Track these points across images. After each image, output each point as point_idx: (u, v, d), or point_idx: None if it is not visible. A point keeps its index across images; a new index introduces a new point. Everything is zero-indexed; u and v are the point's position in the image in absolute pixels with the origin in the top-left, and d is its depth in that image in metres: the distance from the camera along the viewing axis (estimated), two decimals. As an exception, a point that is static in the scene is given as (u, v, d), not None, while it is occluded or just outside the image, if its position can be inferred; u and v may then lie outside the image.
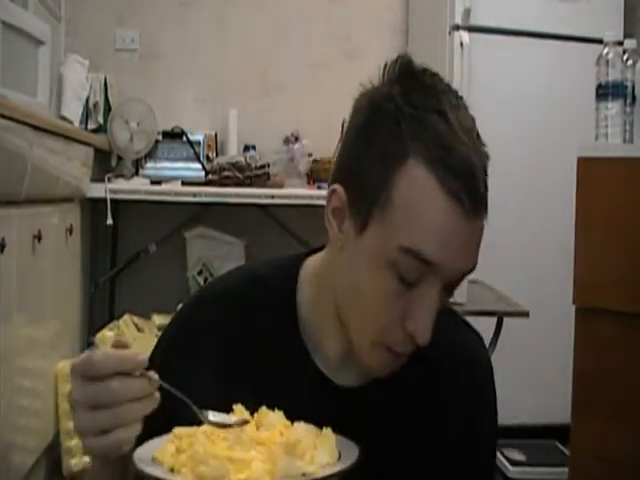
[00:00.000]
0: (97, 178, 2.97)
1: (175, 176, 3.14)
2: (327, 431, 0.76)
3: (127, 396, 0.70)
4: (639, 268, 1.77)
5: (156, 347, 0.95)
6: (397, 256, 0.79)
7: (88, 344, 2.91)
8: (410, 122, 0.80)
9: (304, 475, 0.71)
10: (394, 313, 0.81)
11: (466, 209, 0.78)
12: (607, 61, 1.88)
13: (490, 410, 0.97)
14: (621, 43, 1.91)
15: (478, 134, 0.82)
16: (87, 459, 2.46)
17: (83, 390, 0.70)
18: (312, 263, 0.94)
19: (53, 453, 2.47)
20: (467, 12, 2.86)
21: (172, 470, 0.72)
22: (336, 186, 0.85)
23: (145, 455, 0.74)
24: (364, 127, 0.83)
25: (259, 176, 3.11)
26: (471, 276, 0.86)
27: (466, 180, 0.78)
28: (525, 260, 2.89)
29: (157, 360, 0.87)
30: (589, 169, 1.89)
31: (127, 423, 0.71)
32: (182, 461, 0.72)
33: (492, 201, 0.82)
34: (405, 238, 0.78)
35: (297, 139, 3.26)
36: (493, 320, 2.05)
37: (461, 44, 2.85)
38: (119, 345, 0.73)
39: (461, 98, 0.83)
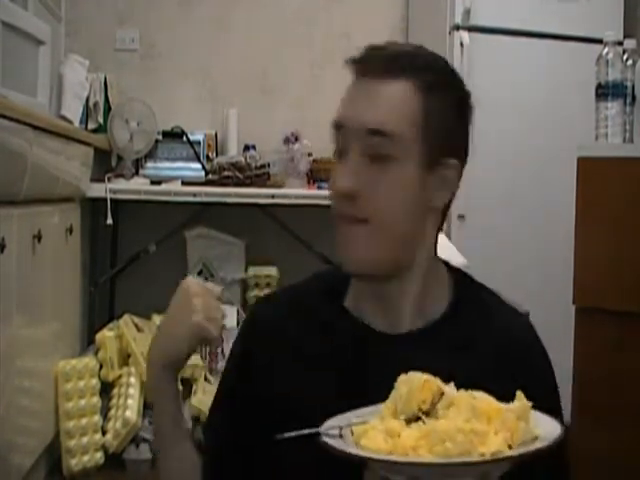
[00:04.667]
0: (97, 178, 2.97)
1: (175, 176, 3.13)
2: (519, 395, 0.75)
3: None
4: (639, 268, 1.77)
5: (235, 342, 1.06)
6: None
7: (88, 343, 2.91)
8: None
9: (536, 439, 0.70)
10: (331, 182, 0.94)
11: (359, 69, 0.93)
12: (607, 61, 1.88)
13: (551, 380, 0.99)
14: (621, 43, 1.91)
15: (417, 47, 0.97)
16: (87, 458, 2.47)
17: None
18: None
19: (53, 453, 2.47)
20: (467, 12, 2.86)
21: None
22: None
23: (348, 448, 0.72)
24: None
25: (259, 176, 3.11)
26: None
27: (365, 51, 0.93)
28: (525, 260, 2.89)
29: (237, 353, 1.04)
30: (589, 169, 1.89)
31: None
32: (405, 444, 0.69)
33: (492, 201, 0.82)
34: None
35: (297, 139, 3.25)
36: (493, 320, 2.04)
37: (461, 44, 2.85)
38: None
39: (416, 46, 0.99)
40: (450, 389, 0.77)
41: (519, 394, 0.75)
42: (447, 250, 2.22)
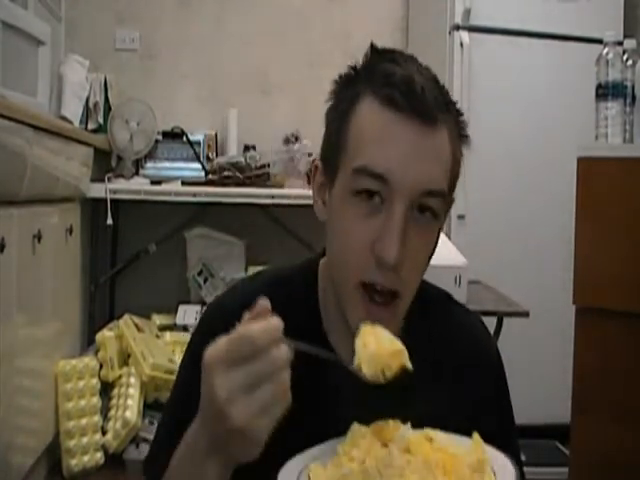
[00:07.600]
0: (97, 178, 2.97)
1: (175, 176, 3.13)
2: (476, 437, 0.75)
3: (285, 361, 0.65)
4: (639, 268, 1.77)
5: (183, 360, 0.94)
6: (354, 181, 0.80)
7: (88, 343, 2.91)
8: (362, 72, 0.86)
9: None
10: (363, 238, 0.79)
11: (403, 111, 0.78)
12: (607, 61, 1.88)
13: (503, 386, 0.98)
14: (621, 43, 1.91)
15: (436, 81, 0.83)
16: (87, 459, 2.46)
17: (239, 374, 0.64)
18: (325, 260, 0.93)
19: (53, 453, 2.47)
20: (467, 12, 2.86)
21: None
22: (316, 161, 0.89)
23: None
24: (330, 98, 0.89)
25: (259, 176, 3.11)
26: (471, 276, 0.85)
27: (401, 86, 0.79)
28: (525, 260, 2.89)
29: (187, 374, 0.89)
30: (589, 169, 1.88)
31: (286, 391, 0.65)
32: None
33: (492, 201, 0.81)
34: (356, 160, 0.80)
35: (297, 139, 3.25)
36: (493, 320, 2.04)
37: (461, 44, 2.85)
38: (261, 312, 0.67)
39: (426, 68, 0.85)
40: (406, 430, 0.77)
41: (476, 437, 0.76)
42: (447, 250, 2.22)
